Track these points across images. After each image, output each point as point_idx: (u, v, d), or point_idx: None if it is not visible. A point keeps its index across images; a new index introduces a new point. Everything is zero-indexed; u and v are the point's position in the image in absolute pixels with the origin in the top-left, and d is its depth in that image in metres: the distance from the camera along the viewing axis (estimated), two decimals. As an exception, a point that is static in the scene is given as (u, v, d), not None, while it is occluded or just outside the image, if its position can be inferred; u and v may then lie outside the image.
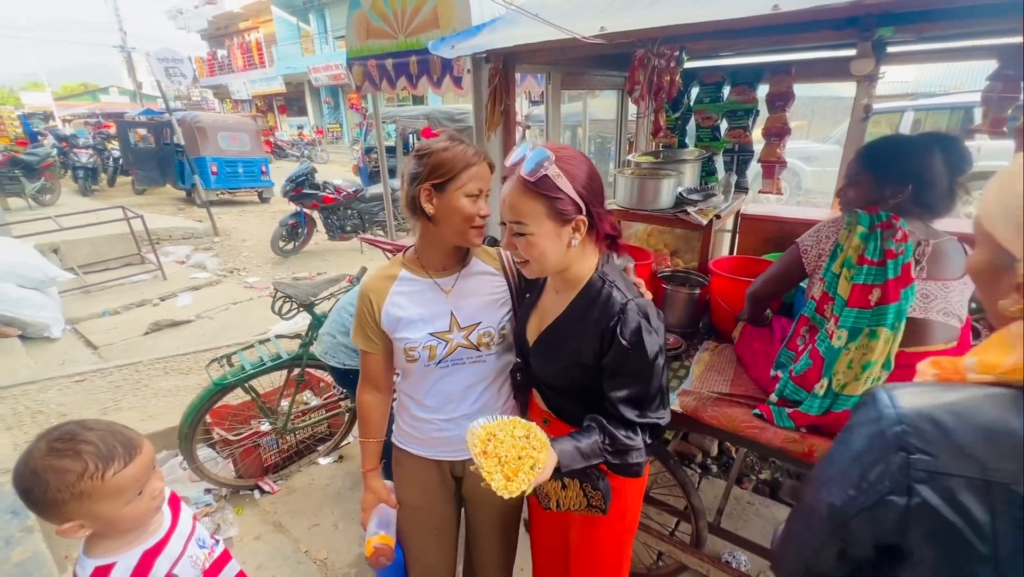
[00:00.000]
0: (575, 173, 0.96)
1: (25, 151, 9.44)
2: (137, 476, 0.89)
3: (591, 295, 1.05)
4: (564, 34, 1.36)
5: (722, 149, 2.60)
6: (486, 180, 1.15)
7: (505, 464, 0.91)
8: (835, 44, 2.05)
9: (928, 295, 1.29)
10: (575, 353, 1.06)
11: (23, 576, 1.76)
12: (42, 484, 0.83)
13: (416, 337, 1.20)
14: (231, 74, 26.70)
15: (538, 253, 1.00)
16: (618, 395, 1.02)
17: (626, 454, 1.02)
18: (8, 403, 2.94)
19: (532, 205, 0.96)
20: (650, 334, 0.98)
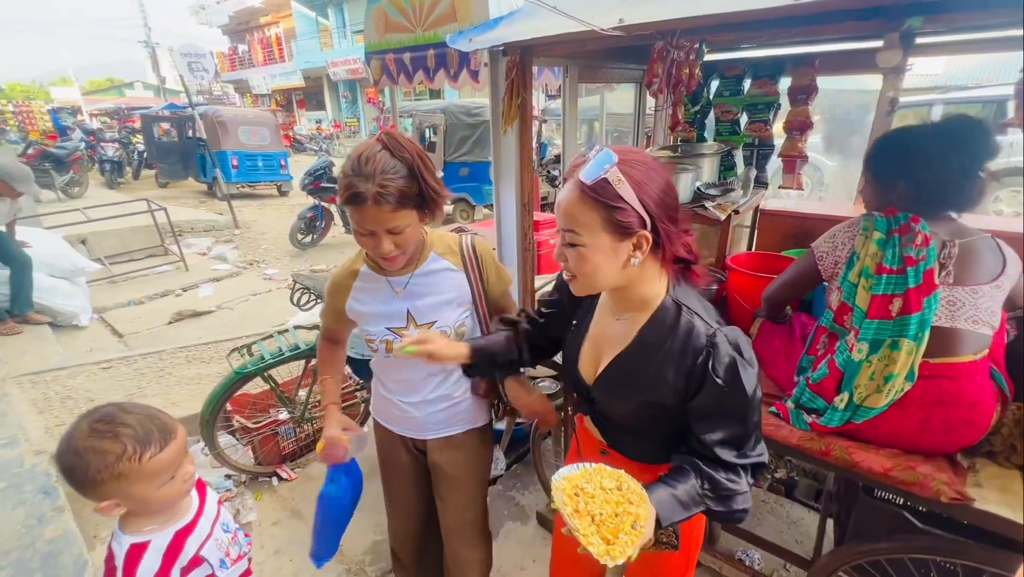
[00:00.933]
0: (642, 181, 0.83)
1: (55, 145, 9.73)
2: (171, 460, 0.92)
3: (666, 324, 0.92)
4: (582, 26, 1.35)
5: (742, 143, 2.56)
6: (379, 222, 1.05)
7: (602, 525, 0.78)
8: (861, 35, 2.00)
9: (955, 302, 1.21)
10: (652, 392, 0.93)
11: (55, 553, 1.83)
12: (84, 464, 0.86)
13: (374, 331, 1.27)
14: (251, 69, 27.06)
15: (590, 268, 0.88)
16: (714, 438, 0.89)
17: (730, 500, 0.89)
18: (39, 388, 3.05)
19: (588, 213, 0.84)
20: (746, 369, 0.86)
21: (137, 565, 0.93)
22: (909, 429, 1.26)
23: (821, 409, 1.35)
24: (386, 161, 1.03)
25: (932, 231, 1.20)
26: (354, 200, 1.03)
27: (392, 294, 1.25)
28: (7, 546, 1.86)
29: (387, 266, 1.19)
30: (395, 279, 1.25)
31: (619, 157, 0.82)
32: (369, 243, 1.11)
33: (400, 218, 1.07)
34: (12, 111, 14.98)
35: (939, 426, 1.23)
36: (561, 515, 0.79)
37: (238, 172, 10.01)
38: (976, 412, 1.21)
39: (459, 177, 7.61)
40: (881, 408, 1.25)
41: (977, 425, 1.22)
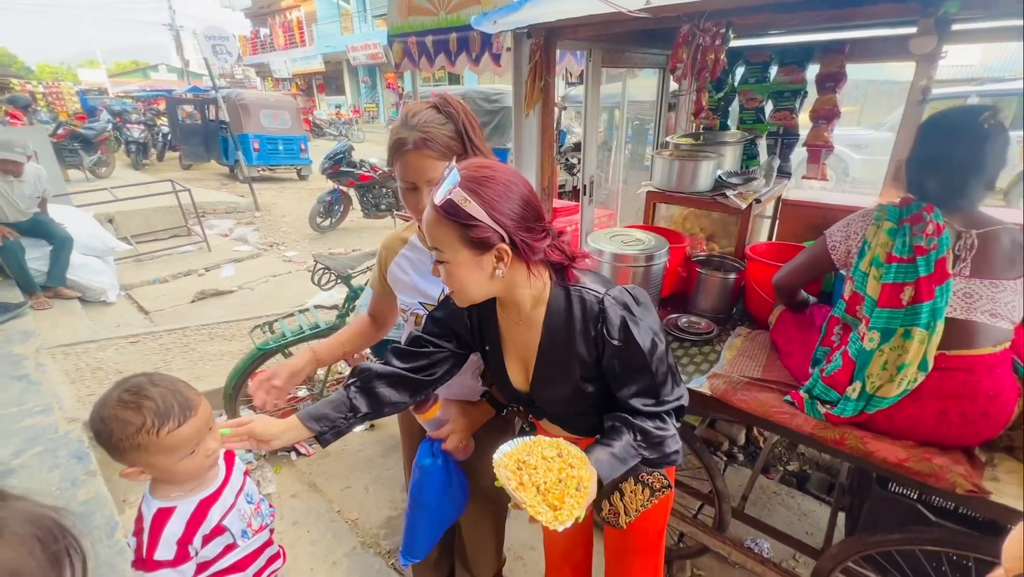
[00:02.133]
0: (492, 198, 0.84)
1: (83, 126, 9.94)
2: (189, 436, 0.94)
3: (561, 308, 0.97)
4: (609, 8, 1.34)
5: (766, 132, 2.52)
6: (420, 171, 1.04)
7: (547, 492, 0.80)
8: (894, 21, 1.94)
9: (972, 294, 1.18)
10: (579, 372, 0.99)
11: (87, 514, 1.92)
12: (108, 431, 0.90)
13: (408, 301, 1.28)
14: (272, 52, 27.23)
15: (458, 284, 0.92)
16: (628, 392, 0.96)
17: (662, 445, 0.96)
18: (71, 359, 3.17)
19: (445, 232, 0.86)
20: (637, 324, 0.93)
21: (162, 529, 0.98)
22: (925, 422, 1.25)
23: (834, 400, 1.34)
24: (431, 115, 1.05)
25: (946, 220, 1.18)
26: (397, 148, 1.04)
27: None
28: (40, 494, 1.96)
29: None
30: None
31: (468, 175, 0.85)
32: (412, 200, 1.09)
33: (442, 168, 1.01)
34: (42, 92, 15.32)
35: (956, 419, 1.22)
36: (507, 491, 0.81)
37: (259, 155, 10.13)
38: (994, 406, 1.19)
39: (477, 164, 7.59)
40: (894, 398, 1.24)
41: (995, 419, 1.20)
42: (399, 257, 1.29)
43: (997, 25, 1.86)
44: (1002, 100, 6.32)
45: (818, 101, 2.35)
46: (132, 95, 17.67)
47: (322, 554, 2.06)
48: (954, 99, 6.49)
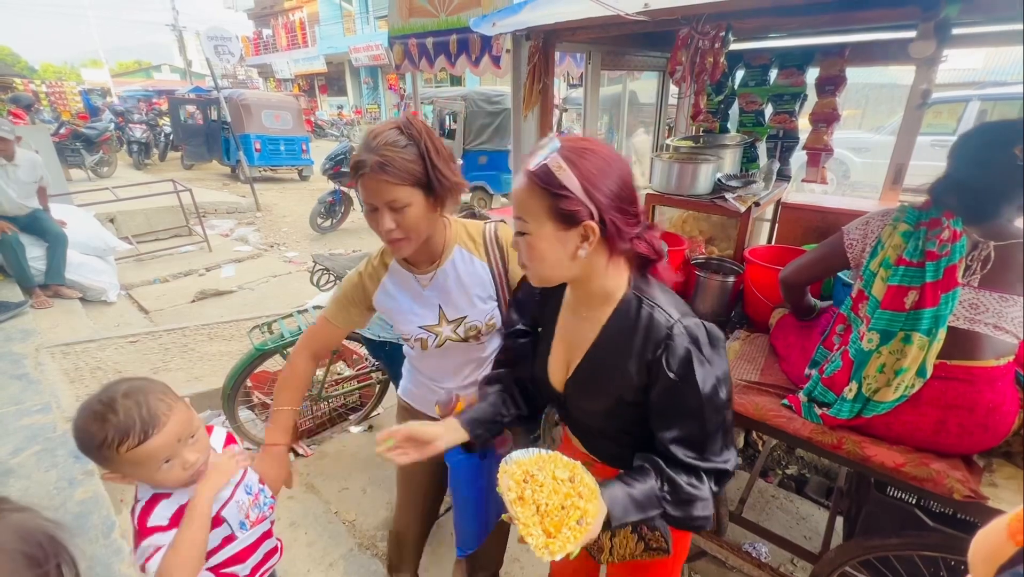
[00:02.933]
0: (590, 171, 0.79)
1: (86, 125, 9.96)
2: (154, 451, 0.91)
3: (629, 317, 0.88)
4: (607, 11, 1.34)
5: (765, 135, 2.52)
6: (377, 193, 1.03)
7: (546, 515, 0.75)
8: (894, 24, 1.94)
9: (978, 306, 1.15)
10: (619, 389, 0.90)
11: (84, 513, 1.92)
12: (78, 438, 0.89)
13: (408, 329, 1.25)
14: (275, 53, 27.29)
15: (536, 257, 0.86)
16: (669, 435, 0.86)
17: (690, 505, 0.84)
18: (71, 359, 3.18)
19: (534, 201, 0.82)
20: (703, 364, 0.82)
21: (152, 509, 0.97)
22: (923, 430, 1.24)
23: (832, 402, 1.34)
24: (393, 136, 1.04)
25: (965, 229, 1.14)
26: (357, 169, 1.04)
27: (420, 290, 1.24)
28: (41, 505, 1.93)
29: (392, 251, 1.15)
30: (422, 276, 1.23)
31: (568, 146, 0.81)
32: (373, 221, 1.08)
33: (400, 192, 1.03)
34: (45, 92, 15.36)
35: (954, 429, 1.21)
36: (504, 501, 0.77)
37: (261, 156, 10.15)
38: (994, 418, 1.18)
39: (478, 165, 7.61)
40: (891, 403, 1.23)
41: (994, 431, 1.19)
42: (383, 285, 1.25)
43: (998, 29, 1.85)
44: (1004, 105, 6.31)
45: (818, 104, 2.35)
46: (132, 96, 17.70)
47: (319, 555, 2.06)
48: (955, 103, 6.49)
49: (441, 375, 1.36)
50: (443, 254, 1.22)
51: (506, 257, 1.28)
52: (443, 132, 8.18)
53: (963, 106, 6.38)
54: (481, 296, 1.25)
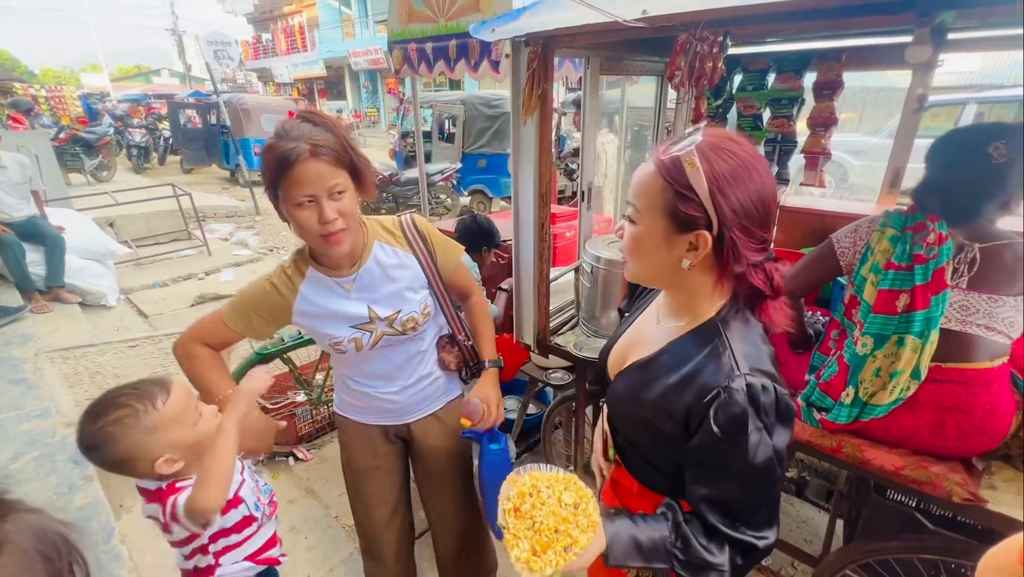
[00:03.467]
0: (724, 175, 0.69)
1: (85, 130, 9.97)
2: (185, 401, 0.96)
3: (696, 346, 0.78)
4: (605, 17, 1.35)
5: (764, 139, 2.52)
6: (318, 179, 0.97)
7: (538, 532, 0.73)
8: (890, 29, 1.95)
9: (968, 307, 1.17)
10: (652, 414, 0.82)
11: (84, 519, 1.92)
12: (112, 443, 0.88)
13: (339, 334, 1.18)
14: (274, 58, 27.34)
15: (637, 251, 0.78)
16: (701, 492, 0.77)
17: (701, 571, 0.75)
18: (70, 363, 3.18)
19: (653, 192, 0.74)
20: (760, 432, 0.71)
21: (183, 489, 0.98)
22: (922, 433, 1.25)
23: (830, 407, 1.34)
24: (308, 126, 0.99)
25: (950, 231, 1.16)
26: (286, 160, 0.94)
27: (344, 294, 1.17)
28: (40, 511, 1.95)
29: (333, 247, 1.05)
30: (343, 279, 1.16)
31: (710, 142, 0.71)
32: (309, 217, 1.00)
33: (339, 177, 0.99)
34: (45, 96, 15.38)
35: (952, 432, 1.22)
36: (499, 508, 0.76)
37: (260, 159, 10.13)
38: (991, 420, 1.19)
39: (477, 168, 7.63)
40: (887, 406, 1.24)
41: (991, 433, 1.20)
42: (302, 294, 1.16)
43: (994, 35, 1.87)
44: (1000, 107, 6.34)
45: (815, 108, 2.35)
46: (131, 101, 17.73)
47: (319, 560, 2.05)
48: (952, 106, 6.53)
49: (385, 378, 1.29)
50: (363, 252, 1.17)
51: (430, 244, 1.26)
52: (442, 136, 8.21)
53: (960, 109, 6.41)
54: (412, 287, 1.23)
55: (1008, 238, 1.16)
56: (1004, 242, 1.16)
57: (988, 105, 6.38)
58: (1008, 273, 1.15)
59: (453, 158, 7.64)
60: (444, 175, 7.01)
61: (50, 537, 0.51)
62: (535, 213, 1.95)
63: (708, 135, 0.72)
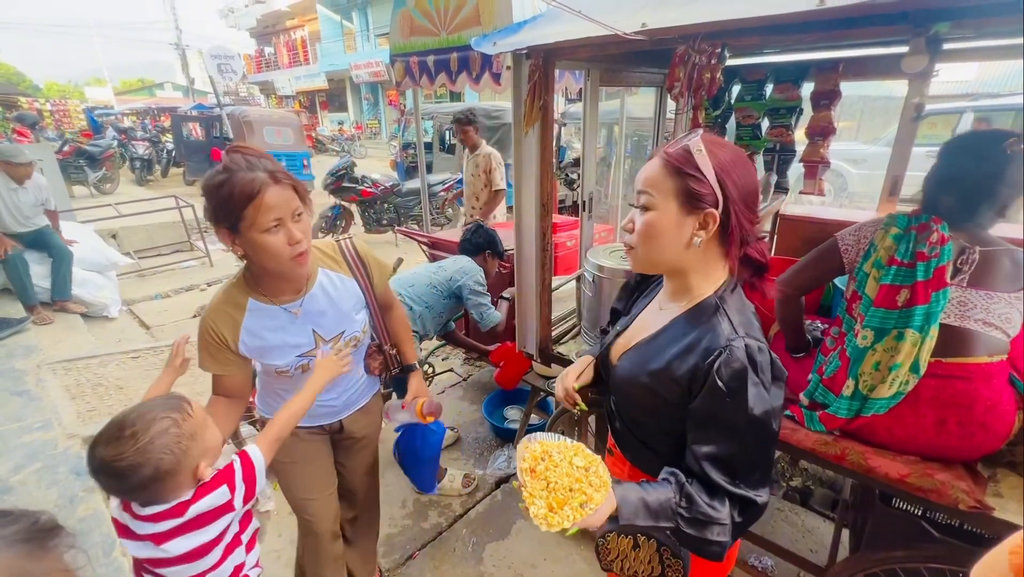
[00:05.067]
0: (725, 161, 0.81)
1: (89, 142, 10.06)
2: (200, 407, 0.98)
3: (699, 317, 0.87)
4: (605, 30, 1.37)
5: (763, 148, 2.55)
6: (284, 203, 1.02)
7: (553, 491, 0.78)
8: (886, 40, 1.98)
9: (966, 303, 1.21)
10: (659, 384, 0.89)
11: (85, 531, 1.91)
12: (156, 461, 0.85)
13: (284, 363, 1.21)
14: (276, 71, 27.64)
15: (651, 235, 0.85)
16: (705, 450, 0.83)
17: (705, 527, 0.81)
18: (72, 374, 3.17)
19: (664, 179, 0.83)
20: (756, 385, 0.79)
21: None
22: (926, 431, 1.25)
23: (831, 403, 1.35)
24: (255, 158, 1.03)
25: (953, 235, 1.20)
26: (252, 188, 0.98)
27: (291, 319, 1.20)
28: (41, 523, 1.94)
29: (301, 266, 1.08)
30: (289, 304, 1.19)
31: (707, 138, 0.83)
32: (278, 240, 1.03)
33: (297, 201, 1.05)
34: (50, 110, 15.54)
35: (955, 429, 1.22)
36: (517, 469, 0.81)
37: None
38: (992, 416, 1.20)
39: (478, 179, 7.66)
40: (887, 400, 1.25)
41: (994, 430, 1.21)
42: (245, 327, 1.16)
43: (989, 44, 1.89)
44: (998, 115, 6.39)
45: (813, 118, 2.38)
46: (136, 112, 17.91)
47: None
48: (949, 115, 6.57)
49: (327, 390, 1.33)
50: (309, 279, 1.22)
51: (368, 268, 1.35)
52: (444, 147, 8.27)
53: (957, 117, 6.45)
54: (355, 308, 1.31)
55: (1003, 245, 1.21)
56: (1004, 248, 1.20)
57: (985, 113, 6.42)
58: (1005, 275, 1.19)
59: (454, 169, 7.69)
60: (445, 185, 7.05)
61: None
62: (537, 222, 1.96)
63: (705, 135, 0.84)
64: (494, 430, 2.87)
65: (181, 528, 0.93)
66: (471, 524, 2.27)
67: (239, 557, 1.05)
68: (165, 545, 0.93)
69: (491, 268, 2.68)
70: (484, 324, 2.52)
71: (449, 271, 2.51)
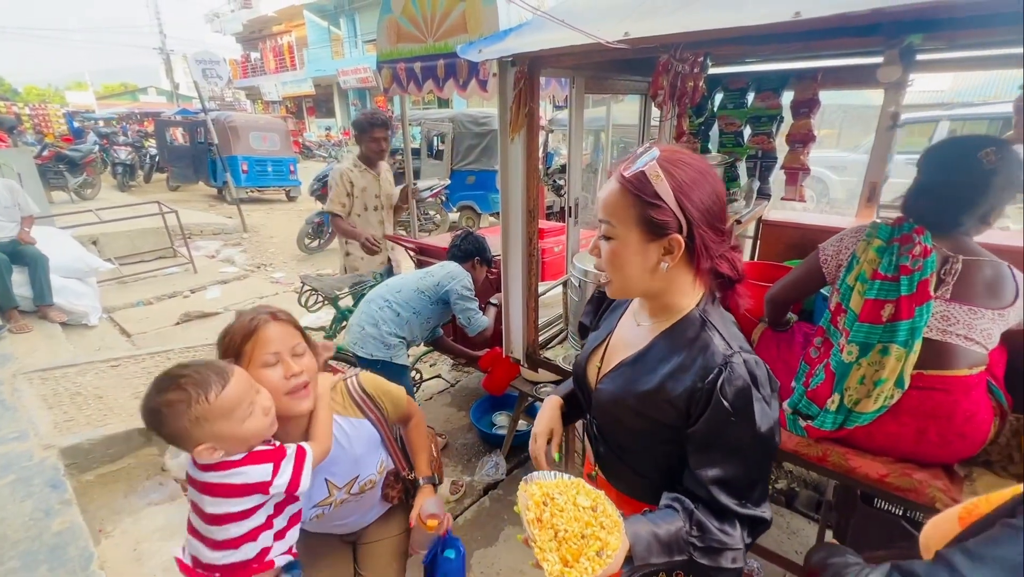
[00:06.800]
0: (684, 182, 0.77)
1: (69, 147, 9.88)
2: (239, 396, 0.94)
3: (685, 336, 0.84)
4: (589, 39, 1.39)
5: (745, 155, 2.59)
6: (280, 339, 1.04)
7: (564, 542, 0.71)
8: (862, 51, 2.03)
9: (949, 317, 1.20)
10: (652, 407, 0.84)
11: (61, 545, 1.86)
12: (161, 419, 0.91)
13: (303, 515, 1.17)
14: (263, 76, 27.44)
15: (617, 265, 0.83)
16: (711, 474, 0.79)
17: (720, 554, 0.78)
18: (49, 384, 3.09)
19: (625, 207, 0.80)
20: (760, 401, 0.77)
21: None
22: (905, 440, 1.27)
23: (815, 415, 1.36)
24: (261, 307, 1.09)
25: (935, 244, 1.20)
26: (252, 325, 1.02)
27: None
28: (15, 537, 1.89)
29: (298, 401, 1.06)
30: None
31: (665, 156, 0.79)
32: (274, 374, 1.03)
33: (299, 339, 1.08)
34: (29, 114, 15.23)
35: (934, 438, 1.24)
36: (522, 521, 0.74)
37: (248, 177, 10.13)
38: (970, 426, 1.22)
39: (465, 185, 7.68)
40: (872, 414, 1.26)
41: (971, 439, 1.23)
42: None
43: (960, 56, 1.95)
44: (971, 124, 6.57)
45: (794, 126, 2.43)
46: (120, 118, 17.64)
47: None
48: (925, 123, 6.75)
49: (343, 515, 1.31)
50: None
51: (380, 404, 1.26)
52: (431, 153, 8.27)
53: (933, 126, 6.63)
54: (370, 449, 1.24)
55: (988, 256, 1.21)
56: (985, 259, 1.20)
57: (960, 121, 6.61)
58: (987, 287, 1.19)
59: (442, 175, 7.69)
60: (433, 191, 7.05)
61: None
62: (523, 228, 1.97)
63: (663, 150, 0.80)
64: (482, 436, 2.86)
65: (219, 488, 0.95)
66: (459, 531, 2.26)
67: (266, 541, 1.02)
68: (204, 497, 0.96)
69: (479, 275, 2.69)
70: (472, 329, 2.51)
71: (437, 276, 2.50)
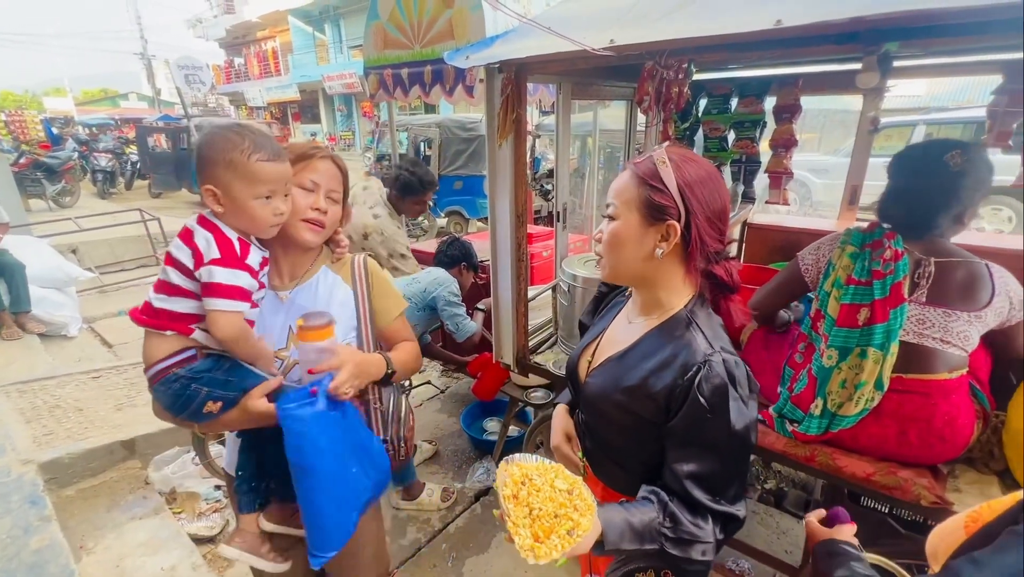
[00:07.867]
0: (689, 174, 0.82)
1: (47, 154, 9.67)
2: (273, 176, 0.98)
3: (672, 333, 0.87)
4: (575, 46, 1.41)
5: (730, 160, 2.63)
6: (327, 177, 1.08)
7: (537, 519, 0.74)
8: (841, 57, 2.08)
9: (924, 321, 1.22)
10: (635, 401, 0.87)
11: (40, 563, 1.80)
12: (210, 142, 0.97)
13: None
14: (247, 82, 27.20)
15: (614, 244, 0.87)
16: (686, 469, 0.82)
17: (690, 546, 0.80)
18: (27, 397, 3.01)
19: (629, 189, 0.85)
20: (736, 400, 0.79)
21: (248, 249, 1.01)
22: (888, 443, 1.30)
23: (800, 419, 1.38)
24: None
25: (907, 248, 1.23)
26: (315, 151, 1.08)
27: (277, 305, 1.11)
28: (-9, 557, 1.83)
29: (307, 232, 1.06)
30: (280, 291, 1.12)
31: (676, 152, 0.85)
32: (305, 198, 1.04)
33: (341, 189, 1.12)
34: (4, 120, 14.89)
35: (915, 441, 1.27)
36: (498, 497, 0.77)
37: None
38: (950, 430, 1.24)
39: (453, 190, 7.68)
40: (854, 417, 1.28)
41: (952, 442, 1.25)
42: None
43: (936, 62, 2.01)
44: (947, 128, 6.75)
45: (776, 131, 2.47)
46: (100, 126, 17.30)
47: None
48: (903, 127, 6.91)
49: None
50: (309, 270, 1.14)
51: (371, 289, 1.20)
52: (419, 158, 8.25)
53: (911, 129, 6.80)
54: (341, 317, 1.13)
55: (963, 257, 1.23)
56: (959, 260, 1.22)
57: (936, 126, 6.79)
58: (961, 289, 1.21)
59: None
60: (421, 197, 7.03)
61: None
62: (512, 233, 1.97)
63: (675, 148, 0.86)
64: (473, 442, 2.85)
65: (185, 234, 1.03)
66: (450, 539, 2.24)
67: None
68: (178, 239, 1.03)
69: (466, 280, 2.68)
70: (459, 335, 2.51)
71: (423, 282, 2.49)
